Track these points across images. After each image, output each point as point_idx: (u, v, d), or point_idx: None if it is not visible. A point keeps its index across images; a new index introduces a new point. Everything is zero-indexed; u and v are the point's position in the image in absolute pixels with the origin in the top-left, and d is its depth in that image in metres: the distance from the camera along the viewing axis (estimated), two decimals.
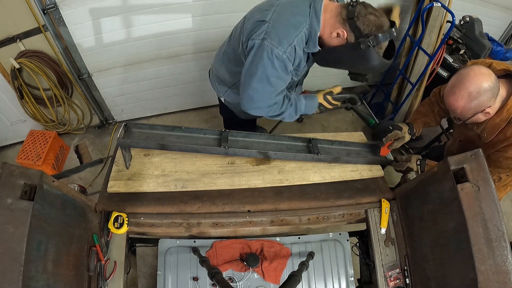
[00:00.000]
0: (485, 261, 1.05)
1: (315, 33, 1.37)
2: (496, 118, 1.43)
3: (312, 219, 1.49)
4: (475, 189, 1.12)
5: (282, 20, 1.34)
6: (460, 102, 1.36)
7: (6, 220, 0.96)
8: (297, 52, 1.38)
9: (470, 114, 1.40)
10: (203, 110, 3.31)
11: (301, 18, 1.35)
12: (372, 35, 1.30)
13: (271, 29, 1.33)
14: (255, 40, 1.35)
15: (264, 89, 1.43)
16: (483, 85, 1.32)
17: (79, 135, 3.03)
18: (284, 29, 1.33)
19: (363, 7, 1.31)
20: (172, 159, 1.59)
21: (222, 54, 1.67)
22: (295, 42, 1.34)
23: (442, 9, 2.51)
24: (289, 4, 1.39)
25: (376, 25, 1.30)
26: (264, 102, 1.48)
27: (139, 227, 1.41)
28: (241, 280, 1.44)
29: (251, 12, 1.50)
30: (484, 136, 1.50)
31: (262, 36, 1.33)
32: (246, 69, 1.43)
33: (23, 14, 2.09)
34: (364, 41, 1.30)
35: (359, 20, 1.30)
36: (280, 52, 1.33)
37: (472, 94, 1.33)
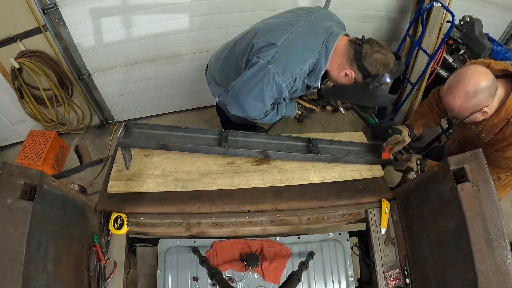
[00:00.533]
0: (485, 261, 1.05)
1: (319, 69, 1.40)
2: (494, 118, 1.43)
3: (312, 219, 1.49)
4: (475, 189, 1.12)
5: (293, 50, 1.36)
6: (458, 101, 1.37)
7: (6, 220, 0.96)
8: (296, 83, 1.42)
9: (467, 113, 1.40)
10: (203, 110, 3.31)
11: (310, 53, 1.37)
12: (380, 75, 1.33)
13: (280, 55, 1.34)
14: (260, 59, 1.36)
15: (257, 105, 1.48)
16: (480, 84, 1.32)
17: (79, 135, 3.03)
18: (291, 60, 1.36)
19: (369, 46, 1.33)
20: (172, 159, 1.59)
21: (223, 59, 1.66)
22: (297, 75, 1.38)
23: (442, 9, 2.51)
24: (303, 35, 1.39)
25: (383, 64, 1.33)
26: (252, 113, 1.55)
27: (139, 227, 1.41)
28: (241, 280, 1.44)
29: (264, 29, 1.46)
30: (482, 136, 1.51)
31: (268, 59, 1.35)
32: (243, 81, 1.44)
33: (23, 14, 2.09)
34: (372, 81, 1.34)
35: (366, 60, 1.32)
36: (280, 81, 1.37)
37: (470, 93, 1.33)
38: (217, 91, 1.81)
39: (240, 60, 1.52)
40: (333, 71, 1.43)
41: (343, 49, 1.37)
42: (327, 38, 1.38)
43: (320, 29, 1.41)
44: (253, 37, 1.45)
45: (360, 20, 2.88)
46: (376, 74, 1.34)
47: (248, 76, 1.41)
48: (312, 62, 1.38)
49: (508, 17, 3.64)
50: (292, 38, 1.37)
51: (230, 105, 1.58)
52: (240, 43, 1.56)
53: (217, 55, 1.74)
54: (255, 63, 1.38)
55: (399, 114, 3.08)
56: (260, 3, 2.49)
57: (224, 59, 1.66)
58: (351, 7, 2.74)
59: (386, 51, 1.34)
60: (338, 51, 1.38)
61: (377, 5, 2.85)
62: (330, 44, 1.37)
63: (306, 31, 1.40)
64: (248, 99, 1.45)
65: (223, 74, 1.70)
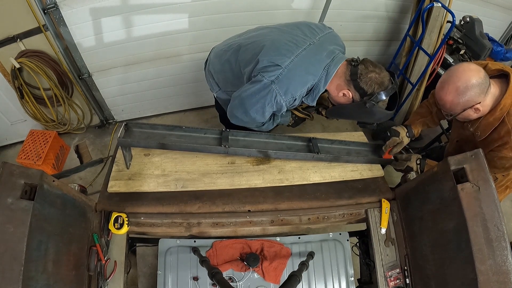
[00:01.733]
0: (485, 261, 1.05)
1: (317, 91, 1.49)
2: (489, 117, 1.45)
3: (312, 219, 1.49)
4: (475, 189, 1.12)
5: (296, 74, 1.43)
6: (448, 96, 1.39)
7: (6, 220, 0.96)
8: (295, 101, 1.53)
9: (459, 109, 1.42)
10: (203, 110, 3.31)
11: (312, 78, 1.45)
12: (375, 93, 1.41)
13: (283, 78, 1.42)
14: (265, 79, 1.42)
15: (257, 117, 1.56)
16: (471, 81, 1.34)
17: (79, 135, 3.03)
18: (294, 83, 1.44)
19: (364, 66, 1.41)
20: (172, 159, 1.59)
21: (224, 61, 1.68)
22: (297, 95, 1.48)
23: (442, 9, 2.51)
24: (307, 59, 1.46)
25: (378, 82, 1.41)
26: (251, 124, 1.65)
27: (139, 227, 1.41)
28: (241, 280, 1.44)
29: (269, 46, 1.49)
30: (478, 134, 1.52)
31: (272, 79, 1.42)
32: (246, 95, 1.50)
33: (23, 13, 2.09)
34: (368, 100, 1.42)
35: (361, 80, 1.41)
36: (281, 100, 1.46)
37: (460, 89, 1.35)
38: (214, 88, 1.83)
39: (243, 68, 1.56)
40: (332, 92, 1.52)
41: (340, 71, 1.46)
42: (329, 64, 1.46)
43: (323, 52, 1.48)
44: (259, 51, 1.49)
45: (360, 20, 2.88)
46: (372, 93, 1.42)
47: (251, 92, 1.48)
48: (312, 84, 1.47)
49: (508, 17, 3.63)
50: (296, 61, 1.44)
51: (231, 115, 1.64)
52: (244, 51, 1.58)
53: (219, 54, 1.74)
54: (260, 81, 1.44)
55: (399, 114, 3.09)
56: (260, 4, 2.49)
57: (225, 61, 1.67)
58: (351, 7, 2.75)
59: (380, 70, 1.42)
60: (337, 74, 1.47)
61: (377, 5, 2.85)
62: (331, 70, 1.45)
63: (310, 54, 1.47)
64: (250, 112, 1.53)
65: (222, 74, 1.72)
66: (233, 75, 1.64)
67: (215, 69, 1.75)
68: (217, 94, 1.85)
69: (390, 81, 1.44)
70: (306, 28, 1.56)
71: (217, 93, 1.84)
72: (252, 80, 1.49)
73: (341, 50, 1.58)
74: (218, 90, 1.81)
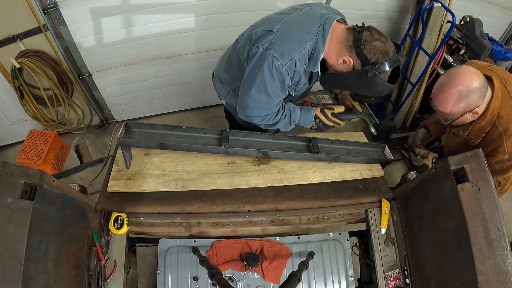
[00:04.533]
0: (485, 261, 1.05)
1: (318, 53, 1.37)
2: (481, 121, 1.43)
3: (312, 219, 1.49)
4: (475, 189, 1.12)
5: (289, 34, 1.35)
6: (450, 100, 1.36)
7: (6, 220, 0.96)
8: (297, 68, 1.38)
9: (459, 114, 1.40)
10: (203, 110, 3.31)
11: (307, 36, 1.35)
12: (379, 63, 1.30)
13: (276, 40, 1.33)
14: (259, 48, 1.36)
15: (261, 98, 1.43)
16: (473, 84, 1.32)
17: (79, 135, 3.03)
18: (289, 43, 1.34)
19: (369, 33, 1.30)
20: (172, 159, 1.59)
21: (226, 59, 1.67)
22: (296, 58, 1.35)
23: (442, 9, 2.51)
24: (299, 20, 1.39)
25: (382, 52, 1.30)
26: (259, 111, 1.49)
27: (139, 226, 1.41)
28: (241, 280, 1.44)
29: (261, 21, 1.49)
30: (471, 140, 1.50)
31: (266, 46, 1.34)
32: (246, 75, 1.44)
33: (23, 13, 2.08)
34: (370, 69, 1.31)
35: (365, 47, 1.29)
36: (280, 65, 1.33)
37: (463, 92, 1.33)
38: (222, 93, 1.79)
39: (241, 55, 1.51)
40: (331, 58, 1.40)
41: (341, 36, 1.35)
42: (324, 22, 1.36)
43: (316, 15, 1.40)
44: (251, 29, 1.47)
45: (360, 20, 2.82)
46: (375, 62, 1.31)
47: (250, 68, 1.40)
48: (311, 46, 1.36)
49: (508, 17, 3.63)
50: (288, 23, 1.37)
51: (238, 106, 1.55)
52: (240, 40, 1.57)
53: (222, 57, 1.76)
54: (255, 52, 1.37)
55: (399, 114, 3.08)
56: (260, 3, 2.49)
57: (227, 58, 1.67)
58: (351, 7, 2.74)
59: (386, 39, 1.32)
60: (337, 37, 1.36)
61: (377, 5, 2.85)
62: (326, 26, 1.35)
63: (302, 17, 1.40)
64: (252, 91, 1.42)
65: (227, 72, 1.69)
66: (236, 68, 1.58)
67: (219, 70, 1.75)
68: (226, 100, 1.81)
69: (395, 53, 1.34)
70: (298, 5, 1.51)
71: (226, 98, 1.79)
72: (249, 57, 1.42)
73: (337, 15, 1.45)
74: (226, 94, 1.76)
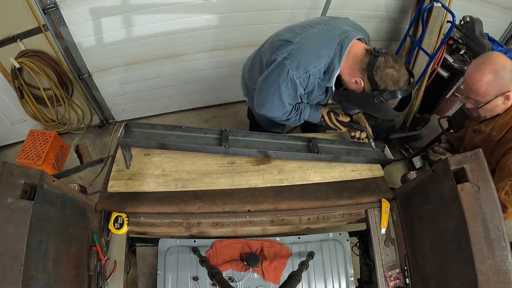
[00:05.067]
0: (485, 261, 1.05)
1: (333, 69, 1.42)
2: (505, 116, 1.45)
3: (312, 219, 1.49)
4: (475, 189, 1.12)
5: (307, 48, 1.41)
6: (485, 78, 1.37)
7: (6, 220, 0.96)
8: (310, 80, 1.44)
9: (492, 95, 1.40)
10: (203, 110, 3.32)
11: (325, 52, 1.40)
12: (387, 90, 1.33)
13: (295, 52, 1.41)
14: (278, 56, 1.44)
15: (275, 102, 1.53)
16: (507, 65, 1.35)
17: (79, 135, 3.03)
18: (306, 57, 1.40)
19: (384, 59, 1.31)
20: (172, 159, 1.59)
21: (252, 60, 1.75)
22: (311, 72, 1.41)
23: (442, 9, 2.51)
24: (319, 35, 1.44)
25: (393, 80, 1.32)
26: (272, 112, 1.60)
27: (139, 226, 1.41)
28: (241, 280, 1.44)
29: (284, 30, 1.57)
30: (493, 135, 1.50)
31: (284, 55, 1.42)
32: (263, 78, 1.52)
33: (23, 13, 2.09)
34: (377, 95, 1.35)
35: (377, 73, 1.32)
36: (294, 76, 1.41)
37: (498, 70, 1.35)
38: (244, 90, 1.87)
39: (264, 59, 1.60)
40: (345, 75, 1.45)
41: (358, 56, 1.37)
42: (343, 39, 1.40)
43: (337, 31, 1.44)
44: (274, 36, 1.56)
45: (360, 20, 2.84)
46: (383, 89, 1.34)
47: (267, 73, 1.50)
48: (327, 62, 1.41)
49: (508, 17, 3.64)
50: (308, 37, 1.43)
51: (254, 103, 1.65)
52: (264, 44, 1.66)
53: (249, 57, 1.83)
54: (274, 60, 1.46)
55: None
56: (260, 3, 2.50)
57: (252, 59, 1.76)
58: (351, 7, 2.75)
59: (400, 67, 1.33)
60: (353, 56, 1.39)
61: (377, 5, 2.85)
62: (345, 44, 1.39)
63: (323, 32, 1.45)
64: (267, 95, 1.52)
65: (250, 72, 1.76)
66: (258, 70, 1.66)
67: (245, 69, 1.82)
68: (247, 96, 1.88)
69: (407, 82, 1.35)
70: (325, 17, 1.60)
71: (247, 95, 1.86)
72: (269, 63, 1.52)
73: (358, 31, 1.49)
74: (248, 92, 1.83)
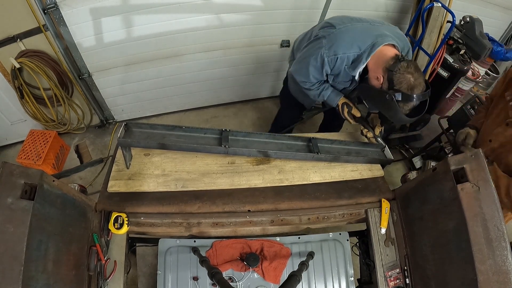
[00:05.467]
0: (485, 261, 1.05)
1: (359, 62, 1.57)
2: None
3: (312, 219, 1.49)
4: (475, 189, 1.12)
5: (344, 36, 1.59)
6: None
7: (6, 220, 0.96)
8: (337, 64, 1.62)
9: None
10: (203, 110, 3.32)
11: (357, 45, 1.56)
12: (400, 92, 1.44)
13: (333, 36, 1.61)
14: (319, 33, 1.67)
15: (303, 69, 1.74)
16: None
17: (79, 135, 3.03)
18: (339, 42, 1.58)
19: (406, 65, 1.44)
20: (172, 159, 1.59)
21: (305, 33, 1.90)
22: (339, 56, 1.59)
23: (442, 9, 2.51)
24: (359, 30, 1.61)
25: (408, 84, 1.43)
26: (297, 75, 1.81)
27: (139, 226, 1.41)
28: (241, 280, 1.44)
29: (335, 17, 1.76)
30: None
31: (324, 35, 1.63)
32: (304, 46, 1.76)
33: (23, 13, 2.08)
34: (390, 93, 1.46)
35: (395, 75, 1.44)
36: (324, 54, 1.61)
37: None
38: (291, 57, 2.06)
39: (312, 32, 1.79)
40: (370, 71, 1.59)
41: (385, 57, 1.50)
42: (376, 41, 1.53)
43: (376, 32, 1.58)
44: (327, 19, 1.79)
45: None
46: (397, 90, 1.45)
47: (308, 43, 1.72)
48: (356, 53, 1.57)
49: (508, 17, 3.63)
50: (349, 28, 1.61)
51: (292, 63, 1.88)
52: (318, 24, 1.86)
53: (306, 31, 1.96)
54: (316, 35, 1.69)
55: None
56: (260, 3, 2.49)
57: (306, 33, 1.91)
58: (351, 7, 2.75)
59: (419, 76, 1.44)
60: (382, 57, 1.52)
61: (377, 5, 2.85)
62: (376, 46, 1.52)
63: (364, 29, 1.61)
64: (301, 60, 1.76)
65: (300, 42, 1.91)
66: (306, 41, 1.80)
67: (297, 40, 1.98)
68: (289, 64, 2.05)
69: (421, 91, 1.45)
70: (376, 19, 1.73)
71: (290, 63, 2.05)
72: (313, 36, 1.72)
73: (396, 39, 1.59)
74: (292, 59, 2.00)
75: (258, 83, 3.27)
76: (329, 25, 1.66)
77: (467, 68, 2.80)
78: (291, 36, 2.84)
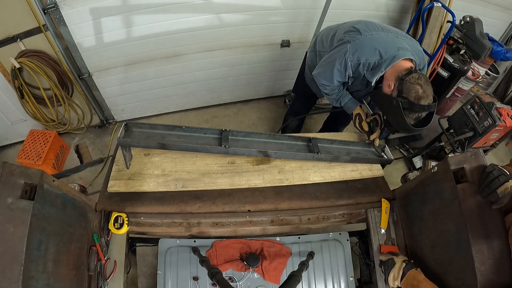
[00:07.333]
0: (485, 261, 1.05)
1: (377, 69, 1.63)
2: None
3: (312, 219, 1.49)
4: (475, 189, 1.12)
5: (369, 43, 1.65)
6: None
7: (6, 220, 0.96)
8: (359, 68, 1.68)
9: None
10: (203, 109, 3.32)
11: (378, 53, 1.62)
12: (407, 100, 1.51)
13: (358, 42, 1.66)
14: (345, 37, 1.71)
15: (327, 71, 1.78)
16: None
17: (79, 135, 3.03)
18: (363, 49, 1.64)
19: (417, 76, 1.52)
20: (172, 159, 1.59)
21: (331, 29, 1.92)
22: (361, 61, 1.65)
23: (442, 9, 2.51)
24: (383, 40, 1.66)
25: (416, 94, 1.50)
26: (321, 79, 1.84)
27: (139, 226, 1.41)
28: (241, 280, 1.44)
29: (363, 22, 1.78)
30: None
31: (349, 39, 1.67)
32: (330, 50, 1.80)
33: (23, 13, 2.08)
34: (397, 99, 1.53)
35: (406, 84, 1.52)
36: (348, 59, 1.67)
37: None
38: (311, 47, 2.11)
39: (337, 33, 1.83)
40: (385, 79, 1.66)
41: (401, 68, 1.58)
42: (397, 53, 1.59)
43: (398, 44, 1.63)
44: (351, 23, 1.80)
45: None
46: (405, 97, 1.52)
47: (333, 48, 1.76)
48: (376, 61, 1.63)
49: (508, 17, 3.64)
50: (374, 36, 1.66)
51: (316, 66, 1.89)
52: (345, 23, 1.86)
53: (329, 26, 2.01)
54: (341, 39, 1.73)
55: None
56: (260, 4, 2.49)
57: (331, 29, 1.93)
58: (352, 7, 2.75)
59: (427, 88, 1.51)
60: (398, 67, 1.59)
61: (377, 5, 2.85)
62: (396, 58, 1.58)
63: (388, 39, 1.66)
64: (325, 64, 1.79)
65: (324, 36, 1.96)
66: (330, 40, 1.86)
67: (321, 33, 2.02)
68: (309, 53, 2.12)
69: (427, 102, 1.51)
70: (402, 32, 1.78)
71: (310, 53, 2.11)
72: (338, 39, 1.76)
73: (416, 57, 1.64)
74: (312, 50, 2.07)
75: (258, 83, 3.27)
76: (355, 30, 1.70)
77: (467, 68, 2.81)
78: (291, 36, 2.84)
